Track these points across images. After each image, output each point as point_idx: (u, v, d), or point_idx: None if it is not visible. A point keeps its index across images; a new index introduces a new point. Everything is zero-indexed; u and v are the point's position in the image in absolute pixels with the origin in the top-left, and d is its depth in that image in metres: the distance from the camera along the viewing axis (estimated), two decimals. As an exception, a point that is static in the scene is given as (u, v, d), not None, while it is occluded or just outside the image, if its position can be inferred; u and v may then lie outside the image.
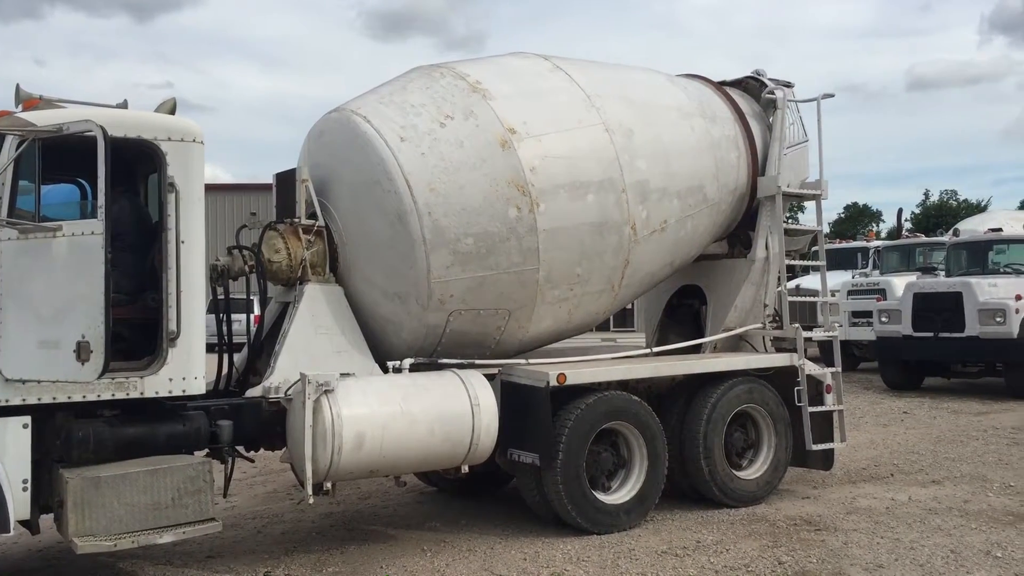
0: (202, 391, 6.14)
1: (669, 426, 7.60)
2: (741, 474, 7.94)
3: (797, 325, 8.36)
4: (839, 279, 19.06)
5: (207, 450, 6.30)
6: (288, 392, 6.33)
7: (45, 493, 5.75)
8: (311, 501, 6.22)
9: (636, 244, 7.50)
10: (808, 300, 10.72)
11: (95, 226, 5.41)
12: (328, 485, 6.29)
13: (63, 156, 5.74)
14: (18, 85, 6.09)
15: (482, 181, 6.78)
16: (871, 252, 21.96)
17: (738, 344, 8.62)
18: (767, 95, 8.88)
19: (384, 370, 6.82)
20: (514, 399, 6.93)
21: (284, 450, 6.48)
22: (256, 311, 7.15)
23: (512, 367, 7.13)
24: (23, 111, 5.93)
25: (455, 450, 6.62)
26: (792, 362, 8.19)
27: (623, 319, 26.42)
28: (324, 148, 7.17)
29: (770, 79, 9.02)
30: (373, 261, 6.86)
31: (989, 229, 17.28)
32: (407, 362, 6.84)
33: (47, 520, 5.93)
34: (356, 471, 6.33)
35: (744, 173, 8.50)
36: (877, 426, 12.25)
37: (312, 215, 6.93)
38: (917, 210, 64.31)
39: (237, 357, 7.10)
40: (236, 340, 7.02)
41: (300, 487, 6.35)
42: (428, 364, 6.98)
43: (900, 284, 17.03)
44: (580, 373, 7.12)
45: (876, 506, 7.85)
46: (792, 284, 13.04)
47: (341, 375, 6.32)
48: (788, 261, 8.78)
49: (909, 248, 20.56)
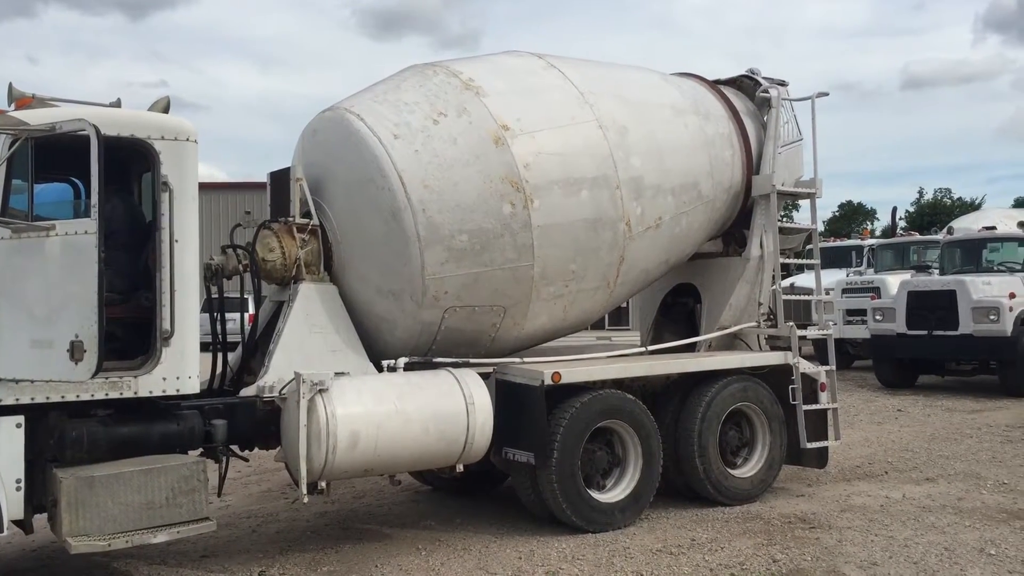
0: (196, 390, 6.12)
1: (664, 424, 7.60)
2: (736, 472, 7.95)
3: (791, 323, 8.37)
4: (833, 277, 19.10)
5: (201, 449, 6.29)
6: (283, 391, 6.32)
7: (39, 493, 5.73)
8: (306, 500, 6.21)
9: (631, 241, 7.50)
10: (802, 298, 10.73)
11: (88, 225, 5.40)
12: (323, 484, 6.28)
13: (56, 155, 5.73)
14: (11, 84, 6.08)
15: (476, 178, 6.78)
16: (865, 250, 21.99)
17: (733, 342, 8.63)
18: (761, 94, 8.88)
19: (379, 369, 6.82)
20: (509, 398, 6.93)
21: (279, 449, 6.47)
22: (250, 310, 7.14)
23: (507, 366, 7.13)
24: (16, 110, 5.91)
25: (450, 449, 6.62)
26: (786, 360, 8.20)
27: (618, 318, 26.54)
28: (318, 147, 7.16)
29: (764, 78, 9.03)
30: (367, 259, 6.85)
31: (983, 227, 17.35)
32: (402, 361, 6.83)
33: (41, 520, 5.91)
34: (351, 470, 6.33)
35: (739, 171, 8.51)
36: (871, 424, 12.27)
37: (306, 214, 6.93)
38: (911, 208, 64.44)
39: (231, 356, 7.09)
40: (230, 339, 7.00)
41: (295, 486, 6.35)
42: (423, 363, 6.97)
43: (894, 282, 17.07)
44: (575, 372, 7.13)
45: (870, 504, 7.86)
46: (786, 282, 13.07)
47: (336, 374, 6.32)
48: (783, 259, 8.79)
49: (903, 246, 20.61)
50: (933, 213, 58.41)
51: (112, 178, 5.78)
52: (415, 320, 6.84)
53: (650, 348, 8.36)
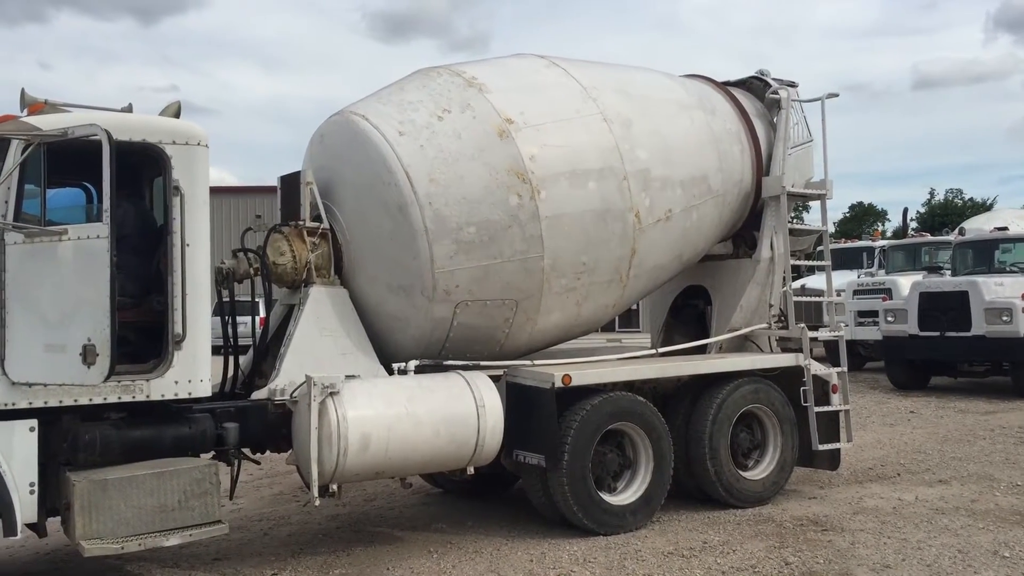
0: (208, 394, 6.14)
1: (675, 427, 7.59)
2: (747, 474, 7.93)
3: (803, 325, 8.34)
4: (845, 279, 19.05)
5: (213, 452, 6.31)
6: (294, 394, 6.34)
7: (52, 496, 5.76)
8: (317, 503, 6.22)
9: (641, 233, 7.47)
10: (813, 300, 10.68)
11: (101, 230, 5.42)
12: (334, 487, 6.29)
13: (68, 160, 5.76)
14: (23, 89, 6.12)
15: (481, 170, 6.80)
16: (876, 251, 21.93)
17: (743, 344, 8.62)
18: (771, 95, 8.87)
19: (389, 372, 6.83)
20: (519, 400, 6.93)
21: (290, 452, 6.49)
22: (261, 313, 7.16)
23: (517, 368, 7.13)
24: (28, 115, 5.94)
25: (460, 451, 6.62)
26: (798, 362, 8.17)
27: (628, 320, 26.50)
28: (326, 151, 7.22)
29: (774, 79, 9.02)
30: (377, 257, 6.87)
31: (995, 228, 17.26)
32: (412, 364, 6.84)
33: (54, 523, 5.93)
34: (362, 473, 6.34)
35: (748, 167, 8.48)
36: (883, 426, 12.23)
37: (317, 217, 6.95)
38: (922, 209, 64.27)
39: (243, 359, 7.11)
40: (241, 343, 7.03)
41: (306, 489, 6.36)
42: (433, 366, 6.98)
43: (906, 283, 17.01)
44: (585, 374, 7.12)
45: (883, 506, 7.83)
46: (797, 284, 13.03)
47: (346, 377, 6.33)
48: (793, 261, 8.78)
49: (915, 247, 20.54)
50: (944, 214, 58.19)
51: (124, 183, 5.81)
52: (427, 316, 6.84)
53: (661, 350, 8.34)
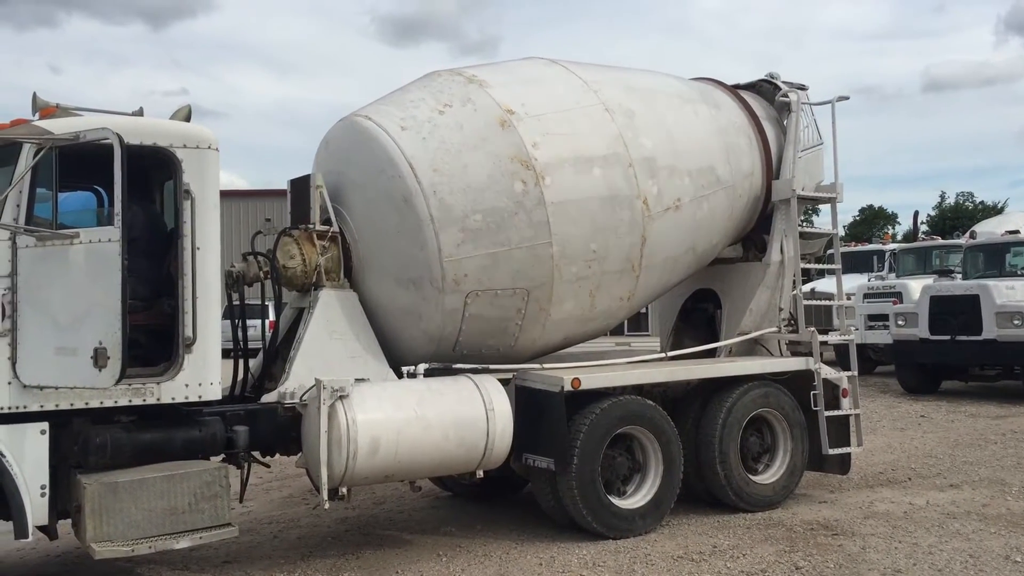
0: (218, 397, 6.16)
1: (684, 431, 7.58)
2: (757, 479, 7.91)
3: (813, 329, 8.32)
4: (855, 282, 18.97)
5: (223, 455, 6.33)
6: (303, 397, 6.36)
7: (63, 499, 5.78)
8: (327, 506, 6.24)
9: (651, 221, 7.44)
10: (824, 303, 10.66)
11: (112, 233, 5.44)
12: (343, 490, 6.30)
13: (80, 164, 5.79)
14: (35, 94, 6.15)
15: (485, 159, 6.84)
16: (887, 255, 21.85)
17: (753, 348, 8.59)
18: (781, 98, 8.86)
19: (399, 375, 6.84)
20: (529, 404, 6.93)
21: (299, 455, 6.50)
22: (271, 317, 7.18)
23: (527, 372, 7.13)
24: (40, 119, 5.98)
25: (470, 455, 6.62)
26: (808, 366, 8.15)
27: (637, 323, 26.41)
28: (333, 155, 7.30)
29: (784, 82, 9.01)
30: (386, 252, 6.88)
31: (1006, 231, 17.19)
32: (421, 367, 6.85)
33: (65, 525, 5.95)
34: (371, 476, 6.35)
35: (757, 160, 8.46)
36: (894, 430, 12.18)
37: (326, 221, 6.97)
38: (933, 212, 63.97)
39: (252, 363, 7.12)
40: (251, 346, 7.04)
41: (316, 492, 6.37)
42: (443, 369, 6.98)
43: (916, 287, 16.94)
44: (595, 378, 7.11)
45: (894, 511, 7.80)
46: (807, 287, 13.00)
47: (356, 380, 6.34)
48: (803, 264, 8.75)
49: (925, 251, 20.46)
50: (955, 217, 57.95)
51: (135, 186, 5.85)
52: (438, 308, 6.82)
53: (670, 354, 8.32)
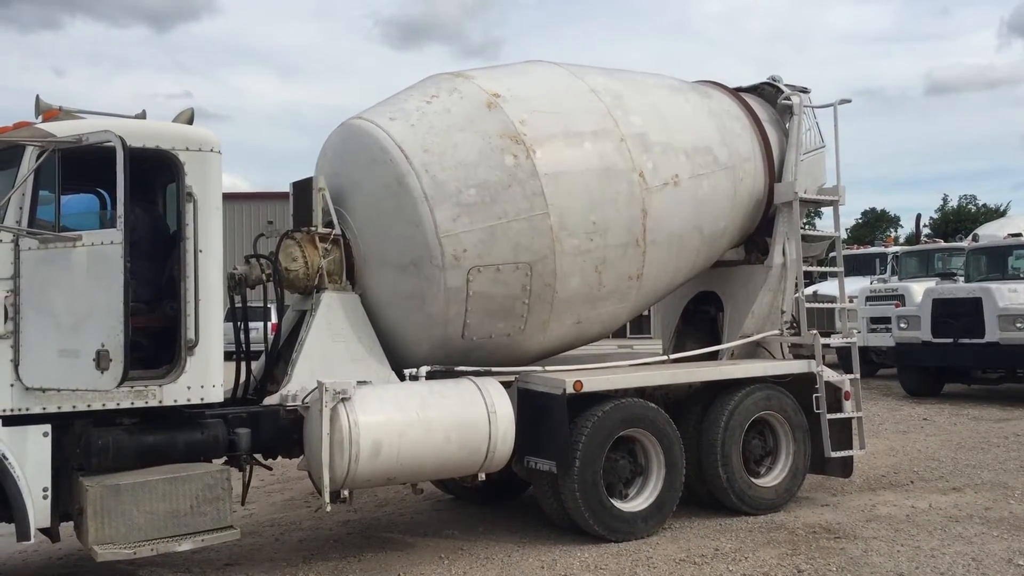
0: (220, 399, 6.16)
1: (686, 433, 7.57)
2: (759, 482, 7.90)
3: (815, 331, 8.31)
4: (857, 285, 18.99)
5: (225, 458, 6.33)
6: (305, 400, 6.36)
7: (65, 501, 5.79)
8: (328, 509, 6.24)
9: (649, 194, 7.43)
10: (826, 306, 10.67)
11: (114, 235, 5.45)
12: (345, 492, 6.30)
13: (83, 166, 5.79)
14: (38, 96, 6.17)
15: (474, 137, 6.93)
16: (889, 258, 21.85)
17: (755, 351, 8.59)
18: (783, 101, 8.86)
19: (401, 378, 6.84)
20: (531, 406, 6.93)
21: (302, 458, 6.50)
22: (273, 319, 7.18)
23: (528, 374, 7.13)
24: (43, 122, 5.99)
25: (472, 457, 6.62)
26: (810, 369, 8.15)
27: (639, 326, 26.42)
28: (333, 159, 7.38)
29: (786, 85, 9.01)
30: (385, 240, 6.90)
31: (1009, 234, 17.19)
32: (423, 369, 6.85)
33: (67, 528, 5.97)
34: (373, 478, 6.35)
35: (754, 144, 8.44)
36: (896, 433, 12.16)
37: (329, 223, 6.98)
38: (936, 215, 63.98)
39: (255, 365, 7.13)
40: (253, 348, 7.05)
41: (318, 495, 6.38)
42: (444, 372, 6.99)
43: (919, 290, 16.93)
44: (597, 380, 7.11)
45: (896, 514, 7.79)
46: (810, 290, 13.01)
47: (358, 383, 6.35)
48: (805, 267, 8.75)
49: (928, 254, 20.45)
50: (958, 220, 57.99)
51: (137, 189, 5.84)
52: (440, 288, 6.77)
53: (672, 356, 8.31)
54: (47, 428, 5.61)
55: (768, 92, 9.06)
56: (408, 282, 6.87)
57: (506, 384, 6.96)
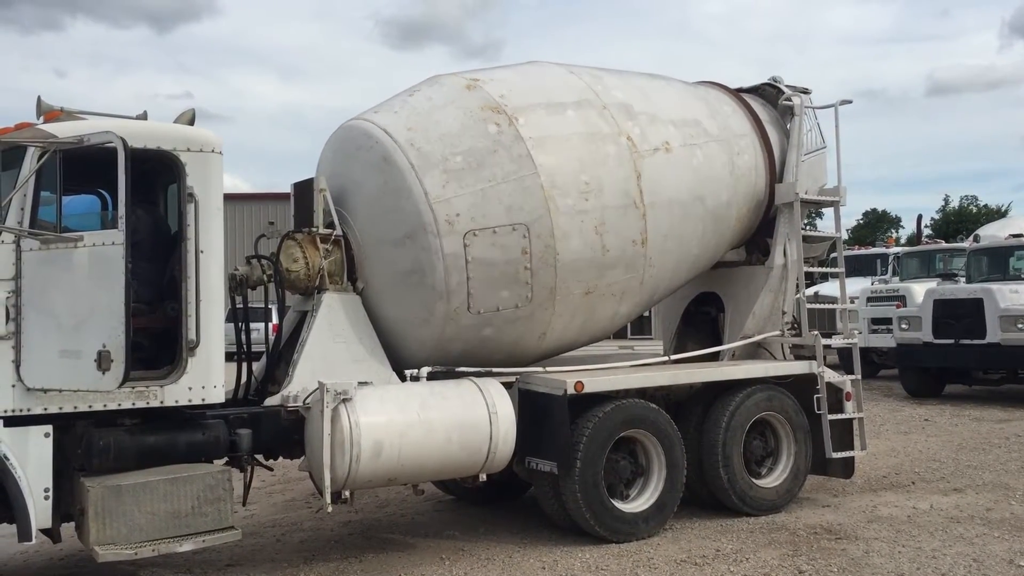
0: (221, 400, 6.17)
1: (687, 434, 7.57)
2: (760, 482, 7.90)
3: (816, 332, 8.31)
4: (858, 286, 18.98)
5: (226, 459, 6.33)
6: (306, 401, 6.37)
7: (66, 502, 5.80)
8: (330, 509, 6.24)
9: (640, 157, 7.43)
10: (827, 307, 10.65)
11: (116, 236, 5.46)
12: (346, 493, 6.30)
13: (84, 167, 5.80)
14: (39, 97, 6.18)
15: (455, 112, 7.09)
16: (890, 258, 21.84)
17: (756, 352, 8.59)
18: (784, 102, 8.86)
19: (402, 378, 6.84)
20: (532, 407, 6.93)
21: (303, 459, 6.51)
22: (274, 320, 7.19)
23: (530, 375, 7.13)
24: (44, 123, 6.00)
25: (473, 458, 6.63)
26: (811, 370, 8.15)
27: (640, 327, 26.44)
28: (333, 160, 7.41)
29: (787, 85, 9.01)
30: (380, 221, 6.92)
31: (1010, 235, 17.17)
32: (425, 370, 6.86)
33: (68, 528, 5.97)
34: (374, 479, 6.35)
35: (749, 129, 8.46)
36: (898, 434, 12.16)
37: (330, 224, 6.99)
38: (937, 216, 63.98)
39: (256, 366, 7.14)
40: (255, 349, 7.06)
41: (319, 495, 6.38)
42: (445, 372, 6.99)
43: (920, 291, 16.93)
44: (598, 381, 7.11)
45: (897, 514, 7.79)
46: (811, 291, 13.00)
47: (359, 384, 6.35)
48: (806, 268, 8.75)
49: (929, 254, 20.44)
50: (959, 221, 57.98)
51: (139, 189, 5.85)
52: (438, 256, 6.72)
53: (673, 357, 8.32)
54: (48, 429, 5.62)
55: (769, 93, 9.06)
56: (406, 256, 6.83)
57: (507, 385, 6.97)
